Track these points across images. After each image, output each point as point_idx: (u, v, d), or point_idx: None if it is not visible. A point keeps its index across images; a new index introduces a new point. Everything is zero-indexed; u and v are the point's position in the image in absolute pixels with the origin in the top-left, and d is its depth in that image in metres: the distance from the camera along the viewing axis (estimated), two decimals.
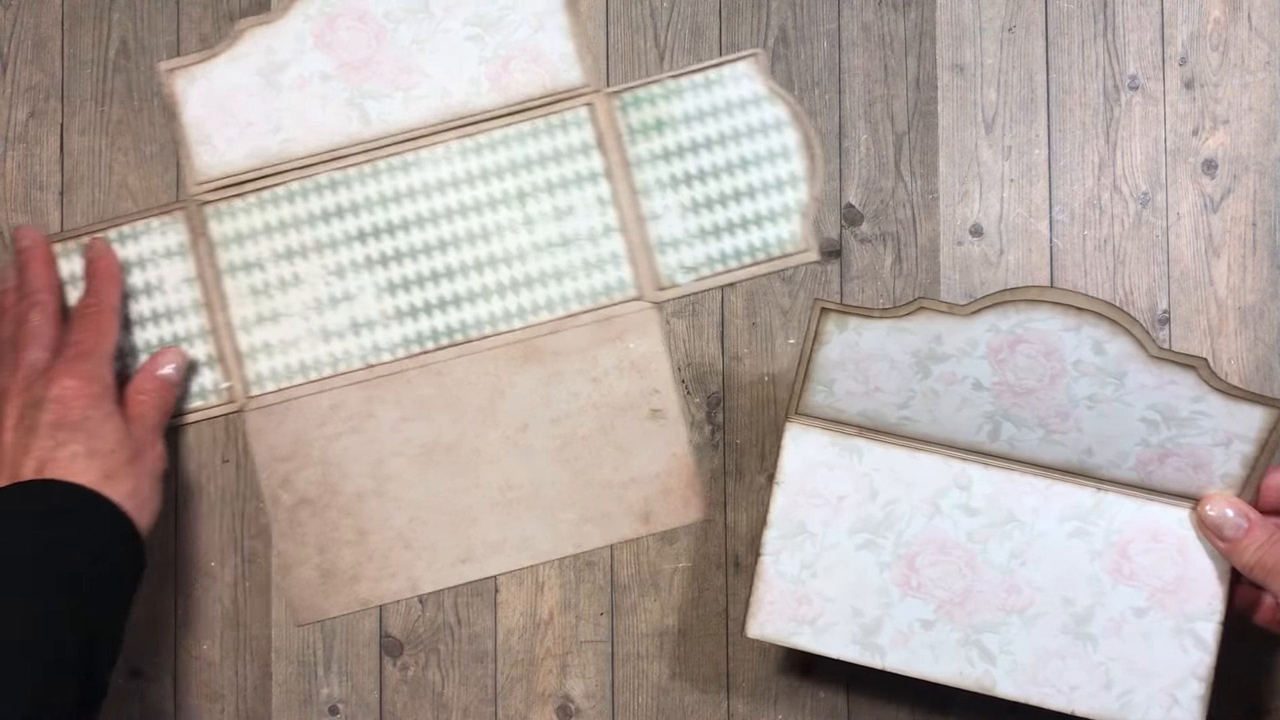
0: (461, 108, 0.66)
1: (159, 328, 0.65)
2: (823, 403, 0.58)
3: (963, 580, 0.58)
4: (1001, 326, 0.56)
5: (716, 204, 0.65)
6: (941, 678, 0.58)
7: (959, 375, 0.57)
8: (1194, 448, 0.56)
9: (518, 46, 0.66)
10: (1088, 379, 0.56)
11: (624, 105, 0.66)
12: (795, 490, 0.58)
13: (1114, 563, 0.57)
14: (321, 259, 0.65)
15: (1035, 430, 0.57)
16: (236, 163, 0.66)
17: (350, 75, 0.66)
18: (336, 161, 0.66)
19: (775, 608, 0.58)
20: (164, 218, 0.66)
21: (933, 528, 0.58)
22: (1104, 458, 0.57)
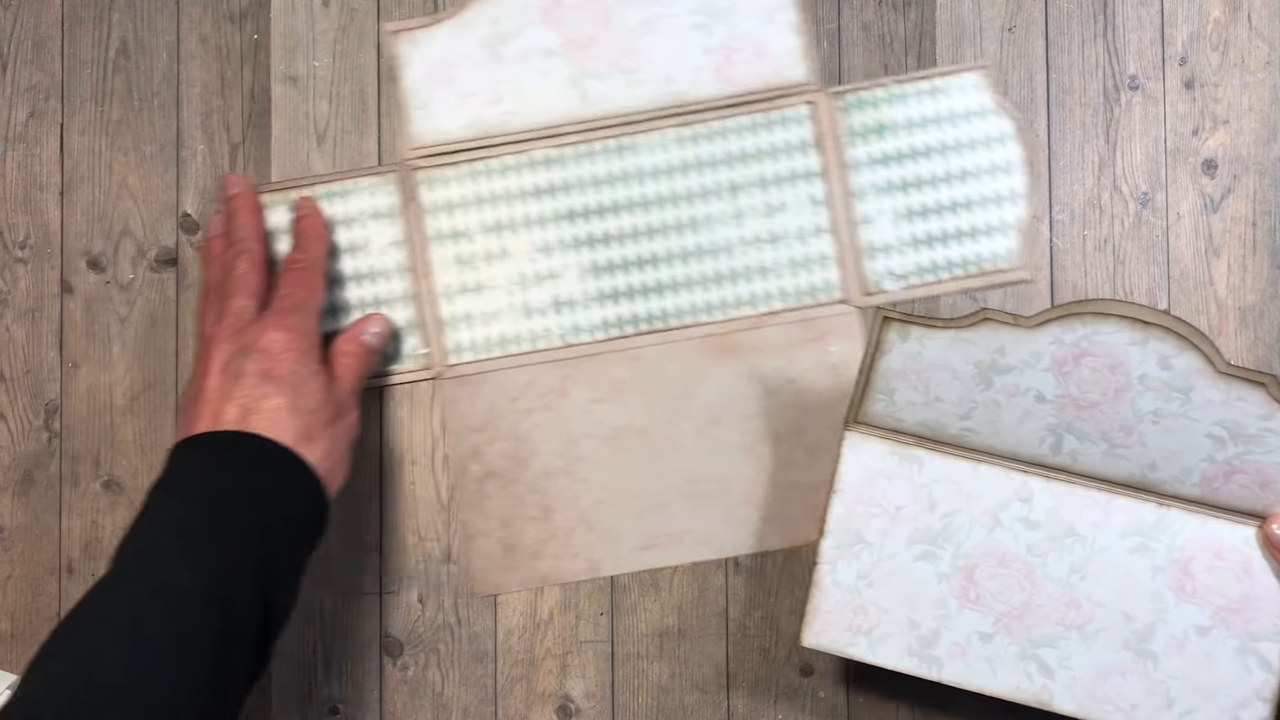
0: (682, 95, 0.65)
1: (361, 287, 0.66)
2: (883, 412, 0.58)
3: (1022, 593, 0.57)
4: (1066, 339, 0.55)
5: (932, 213, 0.65)
6: (999, 692, 0.57)
7: (1022, 387, 0.56)
8: (1261, 465, 0.55)
9: (744, 38, 0.65)
10: (1153, 393, 0.55)
11: (846, 106, 0.65)
12: (853, 499, 0.57)
13: (1176, 580, 0.56)
14: (529, 235, 0.65)
15: (1099, 444, 0.56)
16: (453, 131, 0.66)
17: (574, 53, 0.65)
18: (553, 139, 0.65)
19: (831, 617, 0.57)
20: (374, 179, 0.66)
21: (992, 540, 0.57)
22: (1168, 473, 0.56)
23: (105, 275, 0.67)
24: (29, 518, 0.66)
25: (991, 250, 0.65)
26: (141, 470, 0.66)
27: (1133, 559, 0.57)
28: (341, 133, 0.67)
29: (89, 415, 0.66)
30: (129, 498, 0.66)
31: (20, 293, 0.67)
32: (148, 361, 0.66)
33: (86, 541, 0.66)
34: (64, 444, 0.66)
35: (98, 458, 0.66)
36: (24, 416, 0.66)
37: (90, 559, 0.66)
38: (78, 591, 0.65)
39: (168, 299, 0.67)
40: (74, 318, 0.67)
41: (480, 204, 0.65)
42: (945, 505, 0.57)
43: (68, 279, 0.67)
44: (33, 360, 0.67)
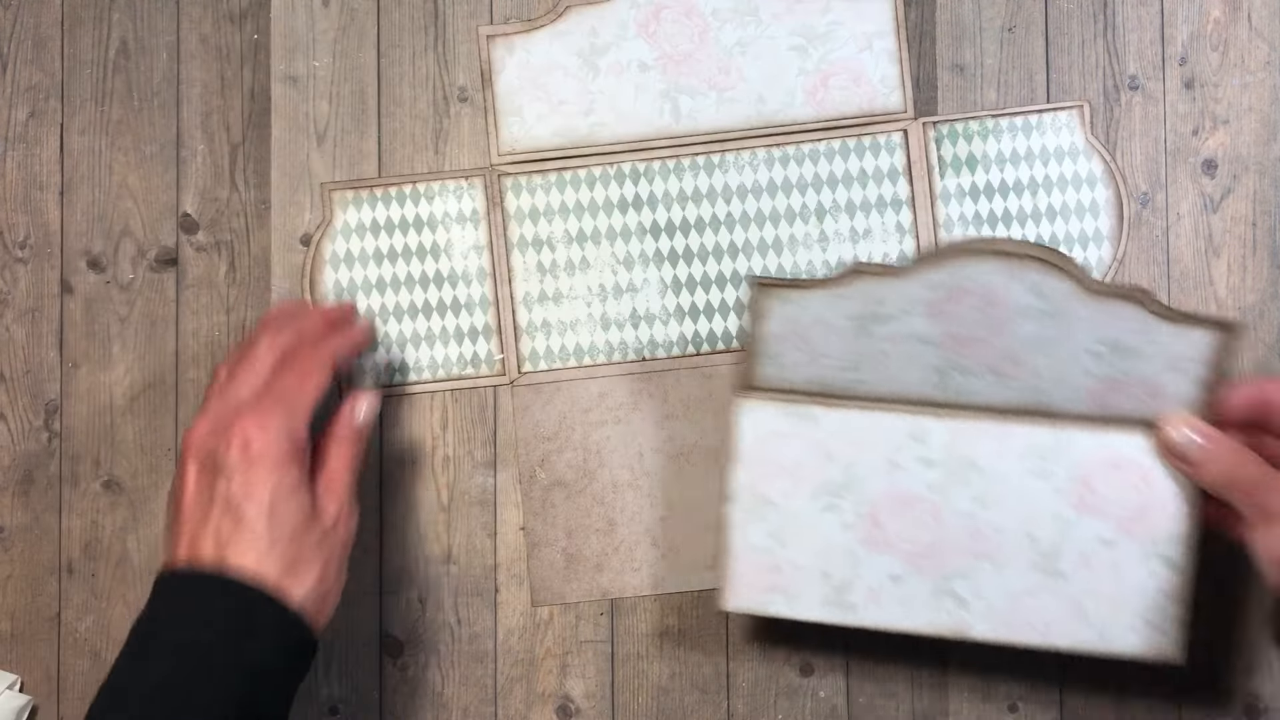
0: (773, 116, 0.65)
1: (441, 291, 0.66)
2: (773, 375, 0.58)
3: (928, 531, 0.58)
4: (940, 283, 0.56)
5: None
6: (916, 629, 0.58)
7: (903, 333, 0.57)
8: (1144, 376, 0.55)
9: (840, 64, 0.65)
10: (1031, 322, 0.56)
11: (939, 137, 0.65)
12: (754, 463, 0.58)
13: (1077, 496, 0.57)
14: (612, 247, 0.66)
15: (985, 377, 0.57)
16: (543, 139, 0.66)
17: (668, 68, 0.66)
18: (642, 152, 0.66)
19: (747, 579, 0.58)
20: (461, 182, 0.66)
21: (893, 483, 0.58)
22: (1056, 395, 0.57)
23: (105, 275, 0.67)
24: (29, 518, 0.66)
25: None
26: (141, 470, 0.66)
27: (1033, 482, 0.57)
28: (341, 133, 0.67)
29: (89, 415, 0.66)
30: (129, 498, 0.66)
31: (20, 293, 0.67)
32: (148, 361, 0.66)
33: (86, 541, 0.66)
34: (64, 444, 0.66)
35: (98, 458, 0.66)
36: (24, 416, 0.66)
37: (90, 559, 0.66)
38: (78, 591, 0.65)
39: (168, 299, 0.67)
40: (74, 318, 0.67)
41: (565, 213, 0.66)
42: (843, 456, 0.58)
43: (68, 279, 0.67)
44: (33, 360, 0.67)
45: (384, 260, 0.66)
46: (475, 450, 0.66)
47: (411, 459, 0.66)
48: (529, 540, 0.65)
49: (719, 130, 0.66)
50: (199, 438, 0.54)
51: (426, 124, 0.67)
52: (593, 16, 0.66)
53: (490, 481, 0.66)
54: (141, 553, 0.66)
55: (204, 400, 0.56)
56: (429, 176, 0.66)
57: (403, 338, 0.65)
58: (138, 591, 0.66)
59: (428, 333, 0.66)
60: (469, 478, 0.66)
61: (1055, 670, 0.63)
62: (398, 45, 0.67)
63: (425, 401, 0.66)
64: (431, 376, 0.66)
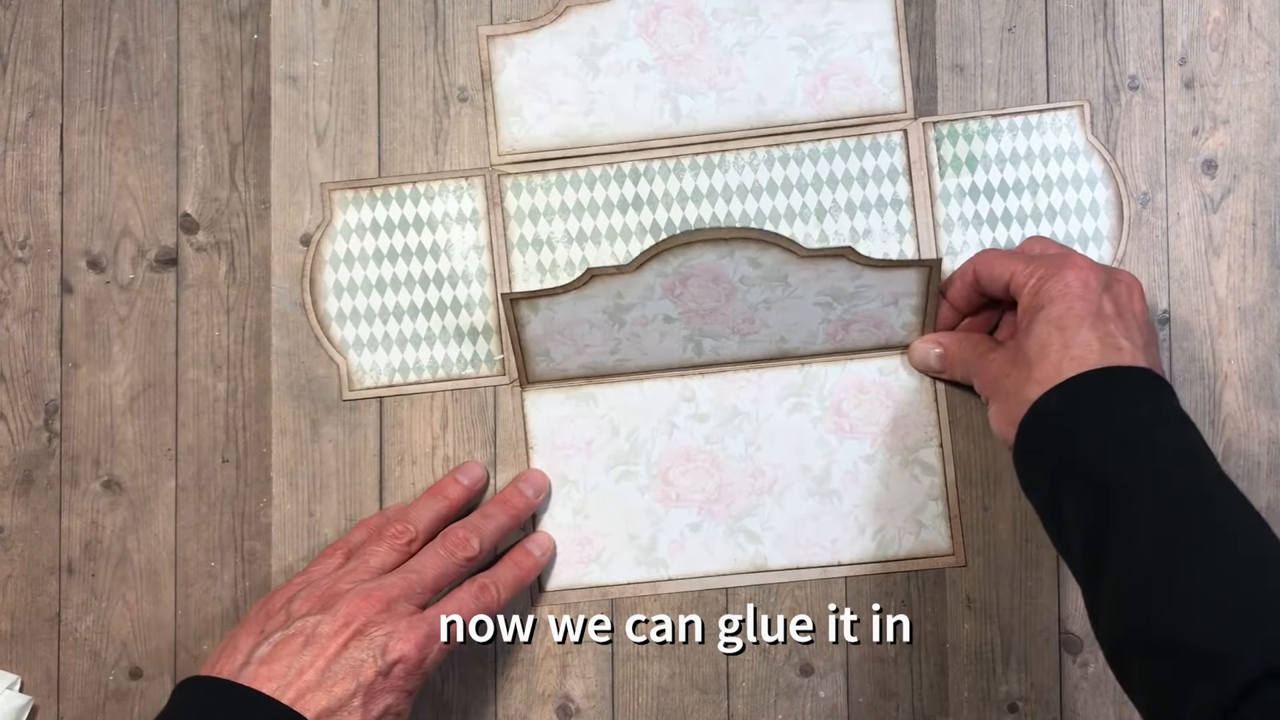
0: (773, 116, 0.65)
1: (441, 290, 0.66)
2: (547, 369, 0.63)
3: (712, 479, 0.63)
4: (667, 271, 0.59)
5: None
6: (721, 569, 0.63)
7: (649, 316, 0.61)
8: (869, 313, 0.61)
9: (840, 64, 0.65)
10: (757, 289, 0.60)
11: (939, 137, 0.65)
12: (548, 449, 0.64)
13: (834, 423, 0.63)
14: (612, 247, 0.66)
15: (731, 338, 0.62)
16: (542, 139, 0.66)
17: (668, 68, 0.66)
18: (642, 152, 0.66)
19: (562, 558, 0.64)
20: (461, 182, 0.66)
21: (674, 442, 0.64)
22: (797, 341, 0.62)
23: (105, 275, 0.67)
24: (29, 518, 0.66)
25: None
26: (141, 470, 0.66)
27: (794, 417, 0.63)
28: (341, 133, 0.67)
29: (89, 415, 0.66)
30: (129, 498, 0.66)
31: (20, 293, 0.67)
32: (148, 361, 0.66)
33: (86, 541, 0.66)
34: (64, 444, 0.66)
35: (98, 458, 0.66)
36: (24, 416, 0.66)
37: (90, 559, 0.66)
38: (77, 591, 0.65)
39: (167, 299, 0.67)
40: (74, 318, 0.67)
41: (565, 213, 0.66)
42: (626, 427, 0.64)
43: (68, 279, 0.67)
44: (33, 360, 0.67)
45: (384, 260, 0.66)
46: (475, 450, 0.66)
47: (412, 459, 0.66)
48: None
49: (719, 130, 0.66)
50: (304, 592, 0.56)
51: (426, 124, 0.67)
52: (593, 16, 0.66)
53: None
54: (141, 553, 0.66)
55: (326, 556, 0.59)
56: (429, 176, 0.66)
57: (402, 338, 0.65)
58: (138, 591, 0.66)
59: (427, 333, 0.66)
60: None
61: (1055, 670, 0.63)
62: (398, 45, 0.67)
63: (425, 401, 0.66)
64: (431, 376, 0.66)
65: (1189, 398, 0.64)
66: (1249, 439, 0.63)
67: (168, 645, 0.65)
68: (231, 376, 0.66)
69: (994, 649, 0.64)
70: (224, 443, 0.66)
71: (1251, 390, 0.64)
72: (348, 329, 0.66)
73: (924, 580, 0.64)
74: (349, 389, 0.65)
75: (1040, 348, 0.54)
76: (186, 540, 0.66)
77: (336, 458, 0.66)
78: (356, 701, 0.52)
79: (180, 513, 0.66)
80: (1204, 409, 0.64)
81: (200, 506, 0.66)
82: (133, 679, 0.65)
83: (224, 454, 0.66)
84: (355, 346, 0.66)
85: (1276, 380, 0.64)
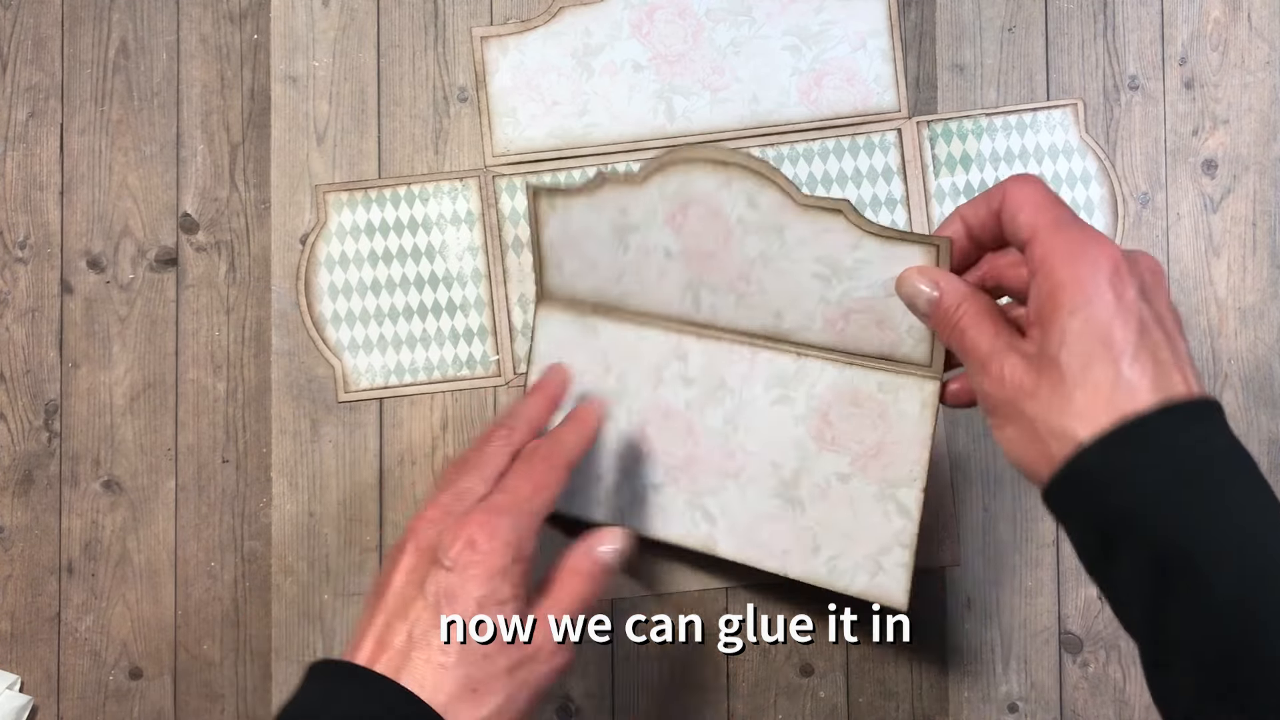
0: (767, 116, 0.66)
1: (436, 292, 0.66)
2: (559, 284, 0.61)
3: (684, 446, 0.60)
4: (669, 192, 0.57)
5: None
6: (671, 537, 0.60)
7: (650, 245, 0.58)
8: (870, 302, 0.55)
9: (834, 63, 0.65)
10: (753, 236, 0.56)
11: (933, 136, 0.65)
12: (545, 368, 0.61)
13: (817, 428, 0.58)
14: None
15: (728, 296, 0.58)
16: (536, 140, 0.66)
17: (662, 68, 0.66)
18: (637, 153, 0.66)
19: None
20: (456, 183, 0.66)
21: (658, 397, 0.60)
22: (793, 320, 0.57)
23: (105, 275, 0.67)
24: (29, 518, 0.66)
25: None
26: (141, 470, 0.66)
27: (776, 409, 0.58)
28: (341, 133, 0.67)
29: (89, 415, 0.66)
30: (129, 498, 0.66)
31: (20, 293, 0.67)
32: (147, 361, 0.66)
33: (86, 541, 0.66)
34: (64, 444, 0.66)
35: (98, 458, 0.66)
36: (24, 416, 0.66)
37: (90, 559, 0.66)
38: (77, 591, 0.65)
39: (167, 299, 0.67)
40: (74, 318, 0.67)
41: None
42: (618, 367, 0.61)
43: (68, 279, 0.67)
44: (33, 360, 0.67)
45: (379, 262, 0.66)
46: None
47: (411, 459, 0.66)
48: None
49: (713, 130, 0.66)
50: (426, 524, 0.50)
51: (426, 124, 0.67)
52: (586, 17, 0.66)
53: None
54: (141, 553, 0.66)
55: (434, 491, 0.53)
56: (424, 178, 0.66)
57: (398, 339, 0.65)
58: (138, 591, 0.66)
59: (423, 334, 0.66)
60: None
61: (1055, 670, 0.63)
62: (398, 45, 0.67)
63: (425, 401, 0.66)
64: (427, 378, 0.66)
65: None
66: (1249, 439, 0.63)
67: (168, 645, 0.66)
68: (231, 376, 0.66)
69: (994, 649, 0.64)
70: (224, 443, 0.66)
71: (1251, 390, 0.64)
72: (343, 331, 0.66)
73: (924, 581, 0.64)
74: (345, 391, 0.65)
75: (1082, 367, 0.44)
76: (186, 540, 0.66)
77: (336, 458, 0.66)
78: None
79: (180, 513, 0.66)
80: None
81: (200, 506, 0.66)
82: (133, 679, 0.65)
83: (224, 454, 0.66)
84: (351, 348, 0.66)
85: (1276, 380, 0.64)
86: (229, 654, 0.65)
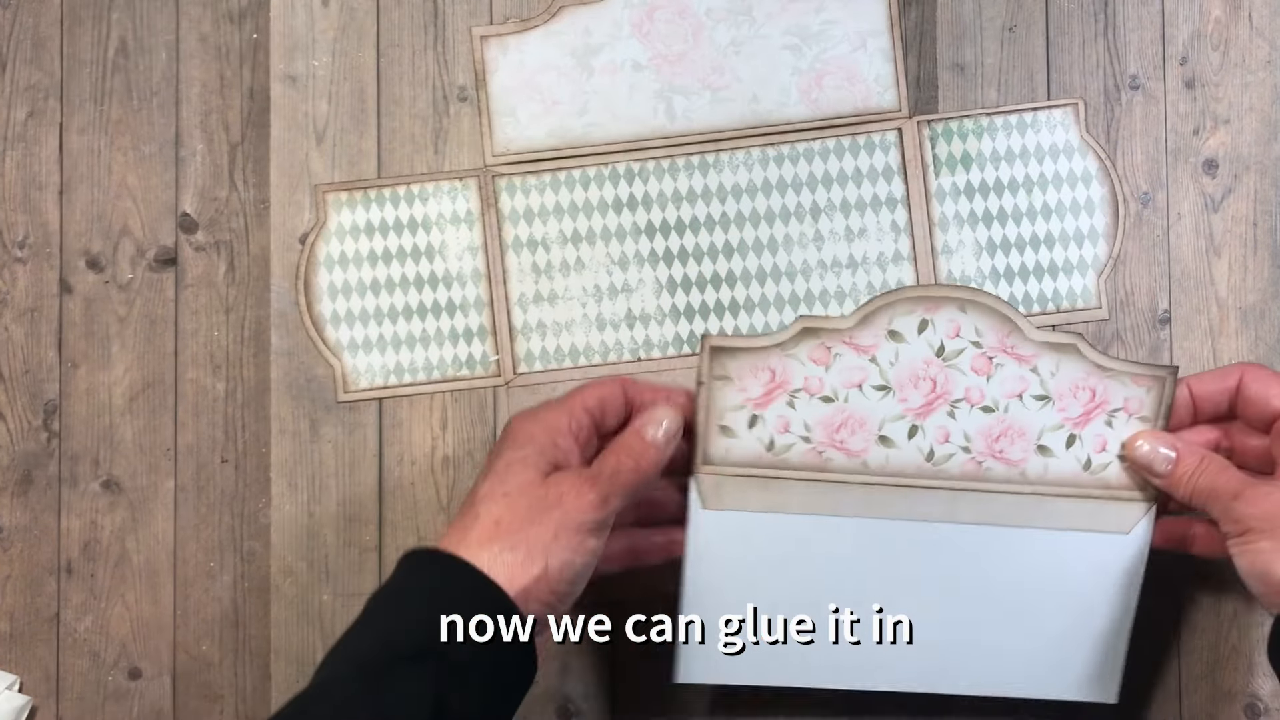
0: (768, 115, 0.65)
1: (436, 292, 0.66)
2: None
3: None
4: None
5: (1013, 248, 0.65)
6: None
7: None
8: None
9: (834, 62, 0.65)
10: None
11: (934, 135, 0.65)
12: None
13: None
14: (607, 247, 0.66)
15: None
16: (537, 139, 0.66)
17: (662, 68, 0.65)
18: (637, 152, 0.66)
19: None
20: (455, 183, 0.66)
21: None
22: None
23: (104, 275, 0.67)
24: (28, 518, 0.66)
25: (1069, 288, 0.65)
26: (141, 470, 0.66)
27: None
28: (341, 133, 0.67)
29: (88, 415, 0.66)
30: (128, 498, 0.66)
31: (19, 293, 0.67)
32: (147, 361, 0.66)
33: (86, 541, 0.66)
34: (63, 444, 0.66)
35: (97, 458, 0.66)
36: (23, 416, 0.66)
37: (89, 559, 0.66)
38: (77, 591, 0.65)
39: (167, 299, 0.67)
40: (73, 317, 0.67)
41: (559, 213, 0.66)
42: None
43: (67, 279, 0.67)
44: (32, 360, 0.67)
45: (378, 262, 0.66)
46: (475, 450, 0.66)
47: (411, 459, 0.66)
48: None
49: (713, 130, 0.66)
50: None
51: (426, 123, 0.67)
52: (586, 16, 0.66)
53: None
54: (141, 553, 0.66)
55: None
56: (423, 178, 0.66)
57: (397, 339, 0.65)
58: (137, 591, 0.66)
59: (423, 334, 0.66)
60: (469, 478, 0.66)
61: None
62: (397, 45, 0.67)
63: (425, 402, 0.66)
64: (426, 378, 0.66)
65: None
66: None
67: (167, 645, 0.65)
68: (231, 376, 0.66)
69: None
70: (223, 443, 0.66)
71: None
72: (342, 331, 0.66)
73: None
74: (344, 391, 0.65)
75: None
76: (186, 540, 0.66)
77: (336, 458, 0.66)
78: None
79: (180, 513, 0.66)
80: None
81: (200, 506, 0.66)
82: (132, 679, 0.65)
83: (223, 454, 0.66)
84: (350, 348, 0.66)
85: None
86: (228, 654, 0.65)
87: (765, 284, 0.65)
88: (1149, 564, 0.57)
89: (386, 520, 0.66)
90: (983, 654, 0.58)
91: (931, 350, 0.56)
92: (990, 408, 0.56)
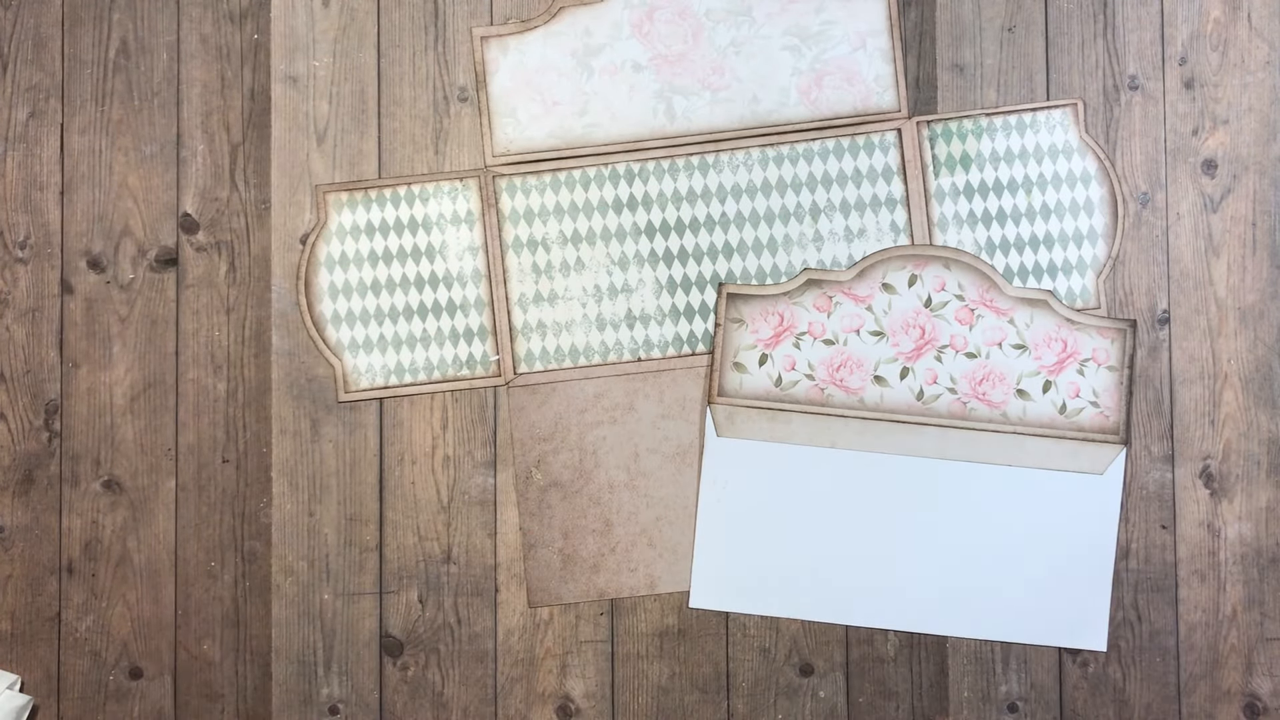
0: (767, 116, 0.65)
1: (436, 292, 0.66)
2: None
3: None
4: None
5: (1012, 248, 0.65)
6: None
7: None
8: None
9: (834, 63, 0.65)
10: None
11: (933, 136, 0.65)
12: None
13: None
14: (607, 248, 0.66)
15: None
16: (537, 140, 0.66)
17: (662, 68, 0.65)
18: (637, 153, 0.66)
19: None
20: (455, 183, 0.66)
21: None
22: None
23: (105, 275, 0.67)
24: (29, 518, 0.66)
25: (1069, 289, 0.64)
26: (141, 470, 0.66)
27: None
28: (341, 132, 0.67)
29: (89, 415, 0.66)
30: (129, 498, 0.66)
31: (20, 293, 0.67)
32: (148, 361, 0.66)
33: (86, 541, 0.66)
34: (64, 444, 0.66)
35: (98, 458, 0.66)
36: (24, 416, 0.66)
37: (90, 559, 0.66)
38: (77, 591, 0.65)
39: (168, 299, 0.67)
40: (74, 318, 0.67)
41: (560, 214, 0.66)
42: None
43: (68, 279, 0.67)
44: (33, 360, 0.67)
45: (379, 262, 0.66)
46: (475, 450, 0.66)
47: (411, 459, 0.66)
48: (525, 541, 0.66)
49: (713, 130, 0.66)
50: None
51: (427, 124, 0.67)
52: (586, 17, 0.66)
53: (490, 481, 0.66)
54: (142, 552, 0.66)
55: None
56: (424, 178, 0.66)
57: (398, 339, 0.65)
58: (138, 591, 0.66)
59: (423, 334, 0.66)
60: (469, 478, 0.66)
61: (1055, 670, 0.63)
62: (398, 45, 0.67)
63: (425, 402, 0.66)
64: (427, 378, 0.66)
65: (1189, 397, 0.64)
66: (1249, 439, 0.63)
67: (168, 645, 0.66)
68: (232, 376, 0.66)
69: (994, 649, 0.63)
70: (224, 443, 0.66)
71: (1251, 390, 0.64)
72: (343, 331, 0.66)
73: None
74: (345, 391, 0.65)
75: None
76: (186, 540, 0.66)
77: (336, 458, 0.66)
78: None
79: (180, 513, 0.66)
80: (1204, 409, 0.64)
81: (200, 506, 0.66)
82: (133, 679, 0.65)
83: (224, 454, 0.66)
84: (351, 348, 0.66)
85: (1276, 380, 0.64)
86: (229, 654, 0.65)
87: (765, 285, 0.65)
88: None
89: (387, 519, 0.66)
90: (977, 597, 0.62)
91: (920, 301, 0.61)
92: (973, 354, 0.61)
